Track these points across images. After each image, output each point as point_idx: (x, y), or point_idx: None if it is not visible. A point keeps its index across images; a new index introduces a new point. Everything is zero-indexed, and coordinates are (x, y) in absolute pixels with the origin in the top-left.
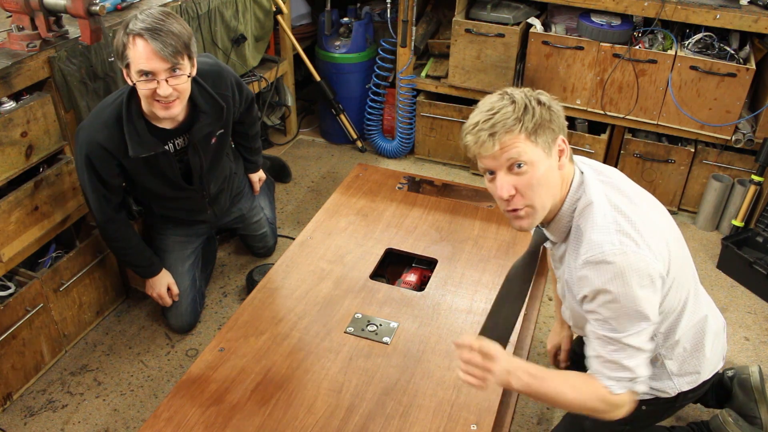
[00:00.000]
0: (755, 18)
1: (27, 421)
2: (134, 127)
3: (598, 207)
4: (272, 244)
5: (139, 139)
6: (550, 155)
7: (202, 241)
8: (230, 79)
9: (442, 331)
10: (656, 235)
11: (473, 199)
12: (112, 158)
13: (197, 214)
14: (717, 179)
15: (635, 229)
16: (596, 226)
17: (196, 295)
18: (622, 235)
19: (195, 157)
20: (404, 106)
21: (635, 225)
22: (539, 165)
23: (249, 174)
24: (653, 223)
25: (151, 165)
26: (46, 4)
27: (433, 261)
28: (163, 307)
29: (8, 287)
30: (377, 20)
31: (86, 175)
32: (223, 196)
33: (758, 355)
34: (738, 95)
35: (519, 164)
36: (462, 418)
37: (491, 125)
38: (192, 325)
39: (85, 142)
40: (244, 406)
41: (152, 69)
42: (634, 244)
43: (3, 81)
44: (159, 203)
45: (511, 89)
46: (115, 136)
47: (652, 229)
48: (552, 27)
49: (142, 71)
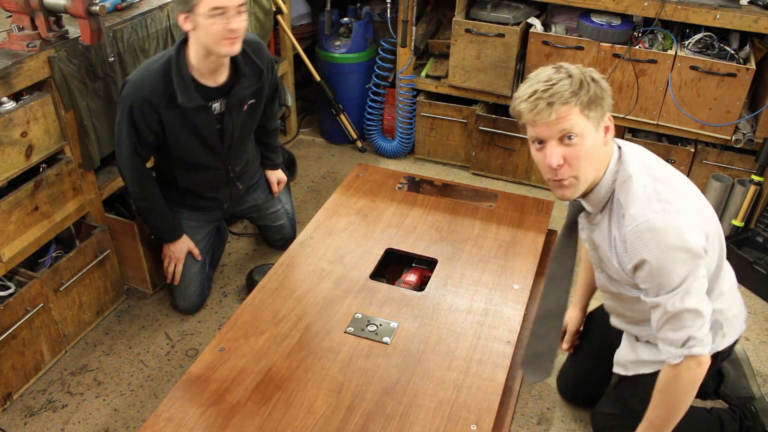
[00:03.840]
0: (755, 18)
1: (27, 421)
2: (183, 80)
3: (637, 180)
4: (291, 236)
5: (187, 91)
6: (598, 130)
7: (213, 228)
8: (268, 55)
9: (442, 331)
10: (691, 203)
11: (473, 199)
12: (154, 112)
13: (217, 190)
14: (717, 179)
15: (675, 197)
16: (637, 198)
17: (205, 279)
18: (664, 203)
19: (229, 123)
20: (404, 106)
21: (674, 193)
22: (588, 138)
23: (266, 170)
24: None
25: (190, 122)
26: (46, 4)
27: (433, 261)
28: (171, 288)
29: (8, 287)
30: (377, 20)
31: (125, 126)
32: (244, 177)
33: (758, 355)
34: (738, 95)
35: (570, 136)
36: (462, 418)
37: (550, 95)
38: (198, 307)
39: (131, 93)
40: (244, 406)
41: (226, 4)
42: (675, 211)
43: (3, 81)
44: (185, 173)
45: (566, 64)
46: (161, 88)
47: (690, 201)
48: (552, 27)
49: (216, 7)
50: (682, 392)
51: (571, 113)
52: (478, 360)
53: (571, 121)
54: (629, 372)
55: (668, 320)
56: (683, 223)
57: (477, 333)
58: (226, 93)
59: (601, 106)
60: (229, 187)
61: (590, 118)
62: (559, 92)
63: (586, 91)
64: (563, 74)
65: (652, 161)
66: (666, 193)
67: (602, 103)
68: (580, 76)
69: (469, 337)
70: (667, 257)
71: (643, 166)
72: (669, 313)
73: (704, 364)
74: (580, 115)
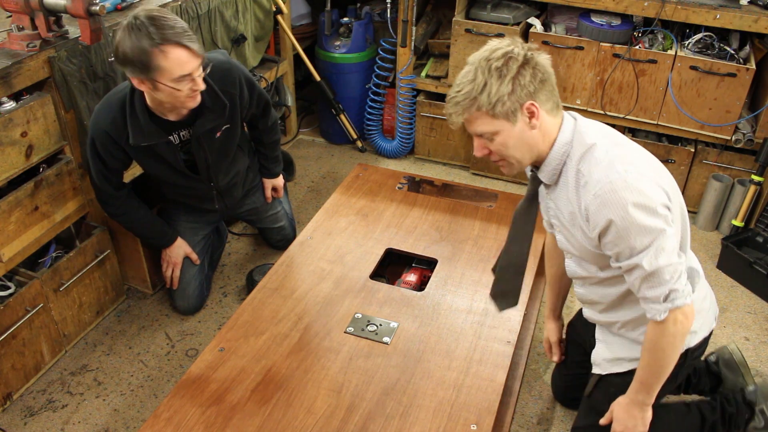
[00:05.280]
0: (755, 18)
1: (27, 421)
2: (137, 118)
3: (600, 147)
4: (292, 236)
5: (141, 129)
6: (514, 122)
7: (212, 229)
8: (239, 77)
9: (442, 331)
10: (655, 170)
11: (473, 199)
12: (115, 144)
13: (206, 203)
14: (717, 179)
15: (637, 159)
16: (599, 162)
17: (203, 280)
18: (626, 164)
19: (199, 150)
20: (404, 106)
21: (636, 156)
22: (503, 133)
23: (262, 178)
24: (650, 160)
25: (154, 153)
26: (46, 4)
27: (433, 261)
28: (170, 289)
29: (8, 287)
30: (377, 20)
31: (90, 154)
32: (236, 189)
33: (758, 355)
34: (738, 95)
35: (482, 134)
36: (462, 418)
37: (454, 104)
38: (197, 308)
39: (92, 126)
40: (244, 406)
41: (191, 70)
42: (636, 172)
43: (3, 81)
44: (168, 188)
45: (498, 44)
46: (119, 123)
47: (651, 165)
48: (552, 27)
49: (182, 76)
50: (671, 345)
51: (477, 118)
52: (478, 360)
53: (477, 125)
54: (605, 371)
55: (646, 278)
56: (645, 181)
57: (477, 333)
58: (190, 124)
59: (512, 100)
60: (220, 198)
61: (498, 116)
62: (461, 101)
63: (487, 95)
64: (469, 77)
65: (613, 132)
66: (628, 156)
67: (512, 97)
68: (484, 78)
69: (469, 337)
70: (632, 216)
71: (603, 134)
72: (646, 272)
73: (690, 315)
74: (485, 117)
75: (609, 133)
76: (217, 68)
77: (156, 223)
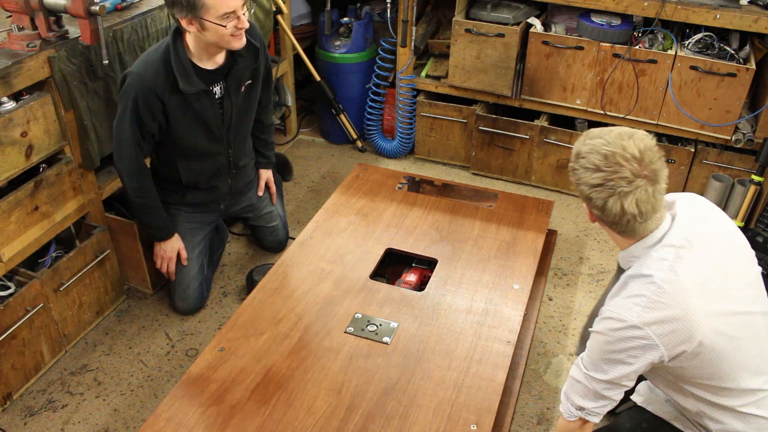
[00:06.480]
0: (755, 18)
1: (27, 421)
2: (182, 66)
3: (645, 281)
4: (284, 238)
5: (188, 77)
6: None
7: (212, 230)
8: (260, 36)
9: (442, 331)
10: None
11: (473, 199)
12: (158, 100)
13: (218, 178)
14: (717, 179)
15: (668, 301)
16: (627, 296)
17: (203, 281)
18: (641, 308)
19: (228, 105)
20: (404, 106)
21: (667, 304)
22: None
23: (259, 169)
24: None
25: (193, 108)
26: (46, 4)
27: (433, 261)
28: (170, 289)
29: (8, 287)
30: (377, 20)
31: (128, 119)
32: (244, 168)
33: None
34: (738, 95)
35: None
36: (462, 418)
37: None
38: (197, 308)
39: (135, 84)
40: (244, 406)
41: (236, 7)
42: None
43: (3, 81)
44: (186, 163)
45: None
46: (163, 76)
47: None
48: (552, 27)
49: (226, 13)
50: None
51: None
52: (478, 360)
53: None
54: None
55: (576, 382)
56: (629, 334)
57: (477, 333)
58: (225, 75)
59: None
60: (229, 176)
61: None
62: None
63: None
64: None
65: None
66: (665, 297)
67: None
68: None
69: (469, 337)
70: (594, 330)
71: (668, 266)
72: (580, 376)
73: (590, 428)
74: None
75: (674, 263)
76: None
77: (164, 214)
